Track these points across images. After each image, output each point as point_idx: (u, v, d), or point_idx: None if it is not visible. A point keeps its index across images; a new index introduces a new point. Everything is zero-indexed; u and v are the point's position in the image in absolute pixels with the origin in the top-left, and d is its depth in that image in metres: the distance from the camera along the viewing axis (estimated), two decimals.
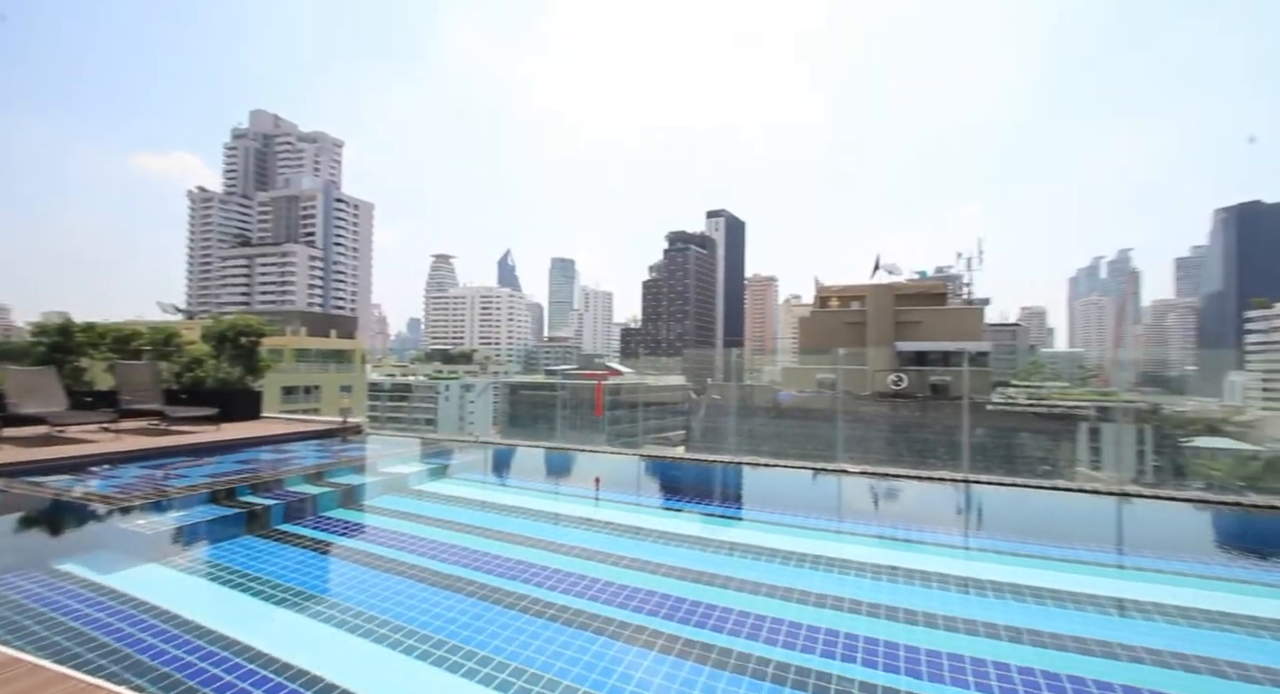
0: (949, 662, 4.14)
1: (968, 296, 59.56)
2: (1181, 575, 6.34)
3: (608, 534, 7.55)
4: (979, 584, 5.81)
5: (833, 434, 12.60)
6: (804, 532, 7.65)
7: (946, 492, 9.54)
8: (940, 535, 7.87)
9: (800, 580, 5.72)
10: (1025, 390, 45.04)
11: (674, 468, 12.05)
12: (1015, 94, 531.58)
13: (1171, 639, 4.62)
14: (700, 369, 78.43)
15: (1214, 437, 40.99)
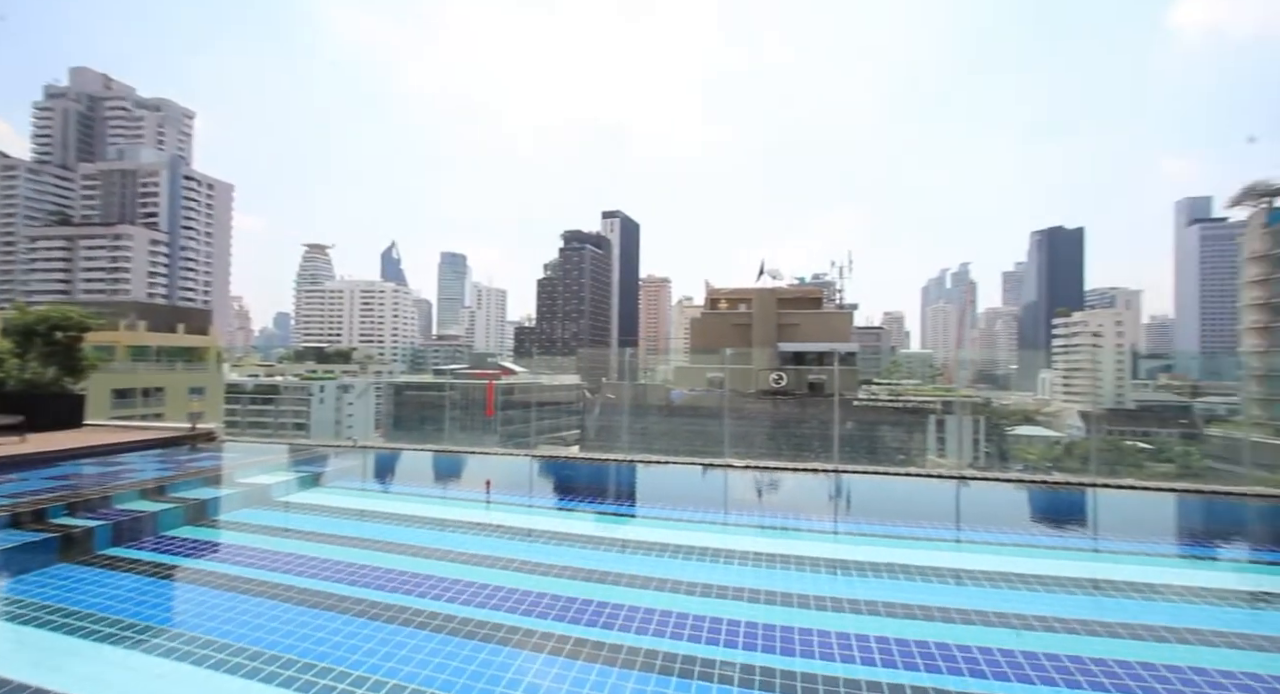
0: (819, 639, 4.51)
1: (840, 301, 65.06)
2: (1007, 546, 7.39)
3: (499, 538, 7.37)
4: (846, 565, 6.39)
5: (721, 431, 13.21)
6: (693, 526, 7.96)
7: (820, 481, 10.36)
8: (813, 522, 8.54)
9: (689, 573, 5.95)
10: (886, 387, 50.21)
11: (568, 468, 12.00)
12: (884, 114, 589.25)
13: (1002, 602, 5.38)
14: (595, 368, 78.66)
15: (1030, 425, 48.32)
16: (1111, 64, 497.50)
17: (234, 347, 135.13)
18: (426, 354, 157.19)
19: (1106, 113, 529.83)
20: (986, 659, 4.23)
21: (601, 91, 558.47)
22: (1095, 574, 6.49)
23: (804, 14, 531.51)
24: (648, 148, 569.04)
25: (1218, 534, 8.51)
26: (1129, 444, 39.70)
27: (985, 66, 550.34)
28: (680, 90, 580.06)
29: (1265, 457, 33.96)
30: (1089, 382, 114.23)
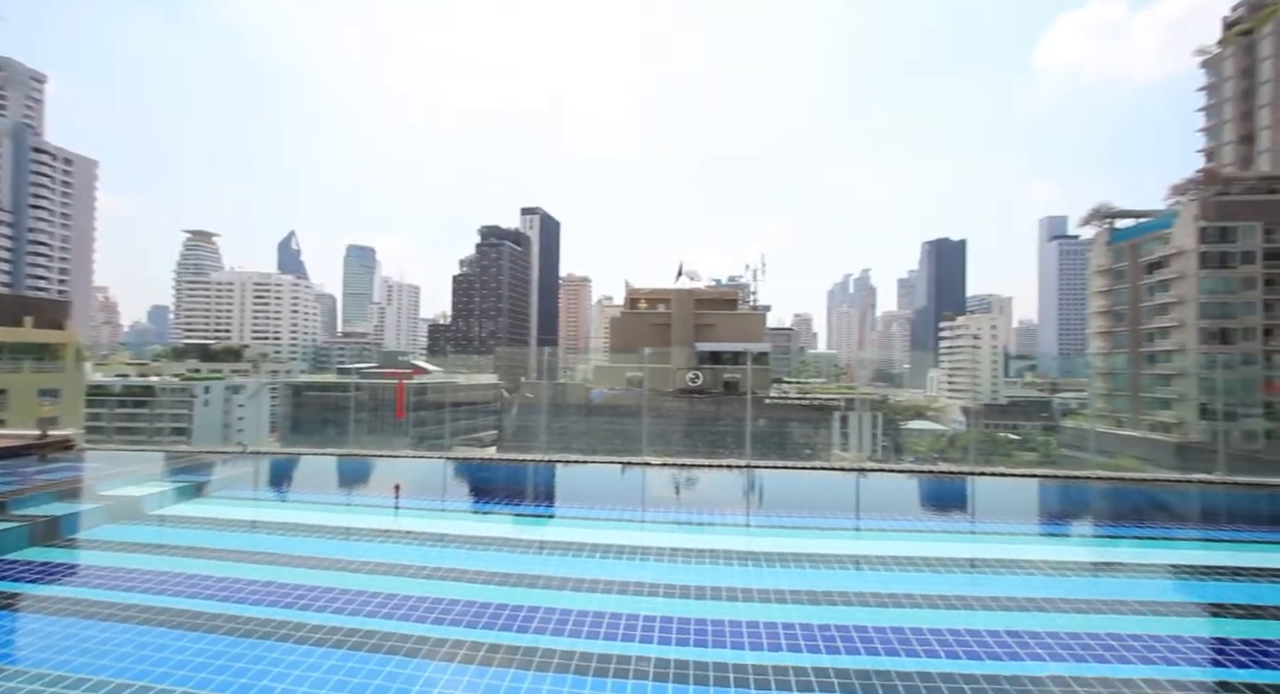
0: (730, 629, 4.69)
1: (754, 303, 67.71)
2: (900, 532, 8.02)
3: (408, 544, 7.04)
4: (757, 557, 6.67)
5: (639, 429, 13.36)
6: (612, 524, 8.00)
7: (733, 477, 10.74)
8: (727, 516, 8.85)
9: (607, 571, 5.98)
10: (795, 386, 52.94)
11: (484, 469, 11.68)
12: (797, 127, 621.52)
13: (894, 584, 5.82)
14: (514, 367, 77.01)
15: (920, 420, 52.82)
16: (986, 95, 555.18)
17: (98, 343, 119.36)
18: (330, 352, 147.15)
19: (983, 138, 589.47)
20: (880, 638, 4.57)
21: (521, 82, 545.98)
22: (973, 554, 7.19)
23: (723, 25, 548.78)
24: (569, 145, 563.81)
25: (1070, 514, 9.69)
26: (1001, 436, 44.30)
27: (883, 92, 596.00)
28: (602, 89, 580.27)
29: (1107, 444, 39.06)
30: (969, 380, 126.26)
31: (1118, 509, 9.71)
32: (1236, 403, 38.85)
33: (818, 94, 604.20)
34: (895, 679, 3.94)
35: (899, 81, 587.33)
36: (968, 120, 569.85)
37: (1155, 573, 6.80)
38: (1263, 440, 38.24)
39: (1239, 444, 37.97)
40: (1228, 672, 4.35)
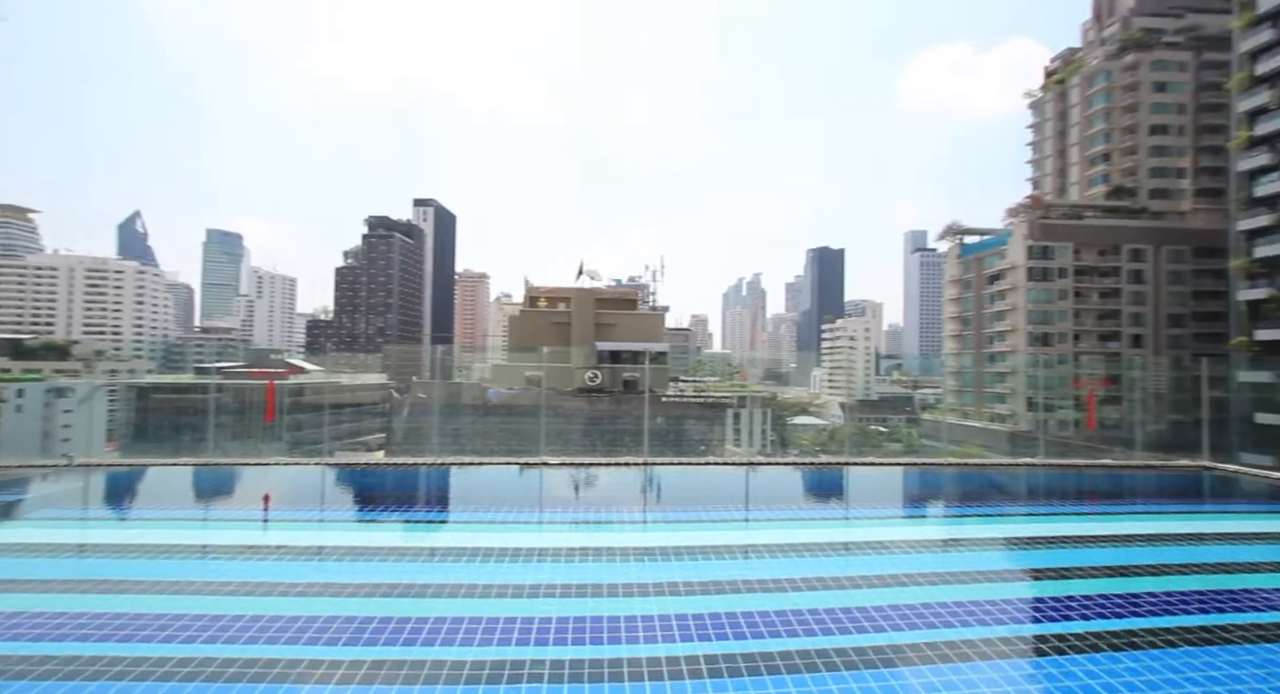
0: (625, 625, 4.77)
1: (653, 303, 69.11)
2: (785, 521, 8.58)
3: (279, 560, 6.44)
4: (653, 552, 6.83)
5: (538, 429, 13.17)
6: (508, 527, 7.82)
7: (631, 474, 10.92)
8: (625, 514, 8.98)
9: (502, 575, 5.84)
10: (692, 385, 54.82)
11: (370, 475, 10.93)
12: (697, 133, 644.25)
13: (779, 570, 6.21)
14: (405, 367, 72.74)
15: (805, 416, 56.87)
16: (861, 117, 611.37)
17: None
18: (186, 349, 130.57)
19: (859, 156, 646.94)
20: (764, 622, 4.87)
21: (416, 66, 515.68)
22: (847, 538, 7.86)
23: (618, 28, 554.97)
24: (467, 138, 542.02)
25: (927, 497, 10.88)
26: (872, 429, 48.77)
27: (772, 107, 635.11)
28: (502, 84, 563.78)
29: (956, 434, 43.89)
30: (846, 378, 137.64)
31: (965, 491, 11.06)
32: (1054, 397, 45.70)
33: (712, 105, 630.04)
34: (778, 660, 4.22)
35: (786, 98, 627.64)
36: (846, 139, 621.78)
37: (992, 546, 7.82)
38: (1072, 428, 45.22)
39: (1055, 432, 44.70)
40: (1047, 626, 5.11)
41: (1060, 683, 4.07)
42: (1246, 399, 37.62)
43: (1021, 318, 57.88)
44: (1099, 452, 13.92)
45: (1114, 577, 6.26)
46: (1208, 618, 5.18)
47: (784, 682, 3.90)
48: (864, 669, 4.10)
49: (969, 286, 66.90)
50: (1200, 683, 4.03)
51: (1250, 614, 5.34)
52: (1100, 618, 5.14)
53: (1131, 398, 16.40)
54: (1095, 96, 63.30)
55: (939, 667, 4.16)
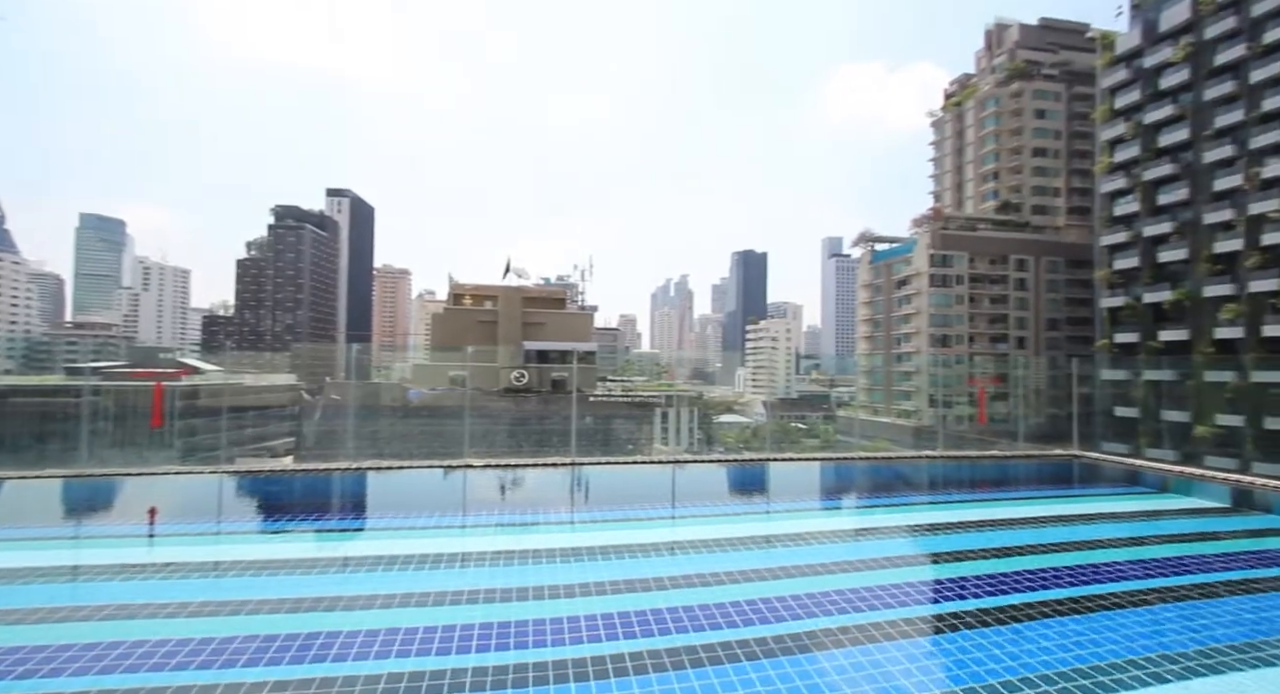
0: (550, 627, 4.73)
1: (581, 303, 68.78)
2: (710, 516, 8.80)
3: (166, 578, 5.87)
4: (579, 553, 6.81)
5: (462, 431, 12.78)
6: (429, 532, 7.53)
7: (559, 475, 10.82)
8: (551, 515, 8.89)
9: (422, 583, 5.62)
10: (620, 384, 55.04)
11: (275, 483, 10.18)
12: (623, 134, 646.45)
13: (704, 566, 6.36)
14: (317, 366, 68.21)
15: (730, 414, 58.62)
16: (784, 126, 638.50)
17: None
18: (55, 347, 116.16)
19: (784, 163, 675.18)
20: (689, 617, 4.98)
21: (333, 49, 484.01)
22: (768, 531, 8.18)
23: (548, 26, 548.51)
24: (388, 128, 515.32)
25: (841, 489, 11.52)
26: (792, 426, 50.98)
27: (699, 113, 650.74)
28: (425, 69, 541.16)
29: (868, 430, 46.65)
30: (769, 377, 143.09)
31: (874, 483, 11.80)
32: (951, 394, 49.66)
33: (642, 107, 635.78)
34: (700, 652, 4.33)
35: (714, 104, 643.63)
36: (771, 146, 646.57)
37: (898, 533, 8.40)
38: (967, 423, 49.33)
39: (953, 426, 48.57)
40: (944, 606, 5.55)
41: (955, 657, 4.44)
42: (1108, 395, 42.41)
43: (925, 321, 62.48)
44: (989, 443, 15.30)
45: (1000, 557, 6.89)
46: (1076, 590, 5.82)
47: (707, 674, 4.01)
48: (782, 656, 4.29)
49: (879, 291, 71.40)
50: (1069, 648, 4.53)
51: (1109, 585, 6.05)
52: (988, 596, 5.65)
53: (1016, 394, 18.13)
54: (986, 119, 69.36)
55: (850, 650, 4.42)
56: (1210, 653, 4.49)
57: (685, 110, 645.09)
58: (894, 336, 68.34)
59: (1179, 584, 6.10)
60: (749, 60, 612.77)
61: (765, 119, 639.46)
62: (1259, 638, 4.82)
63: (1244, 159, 39.41)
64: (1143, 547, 7.73)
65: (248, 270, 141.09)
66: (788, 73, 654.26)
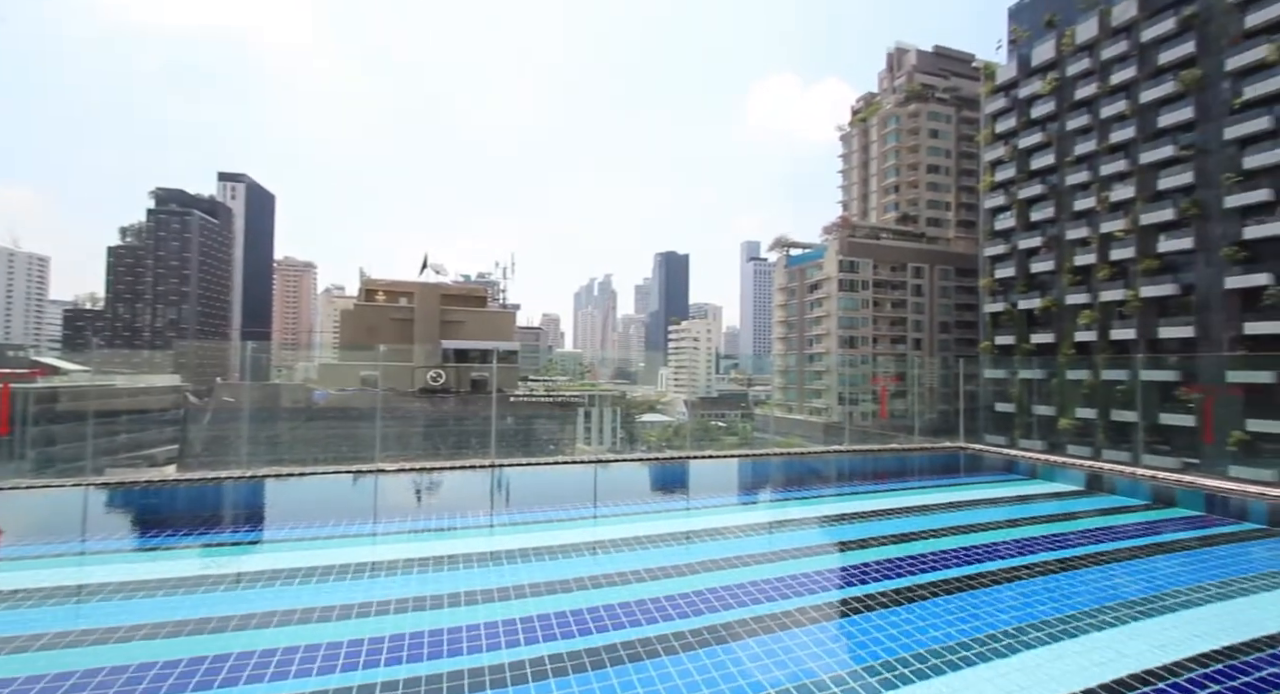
0: (467, 633, 4.59)
1: (503, 301, 67.19)
2: (633, 515, 8.86)
3: (13, 608, 5.14)
4: (499, 556, 6.65)
5: (373, 433, 12.12)
6: (336, 542, 7.08)
7: (477, 477, 10.51)
8: (470, 519, 8.61)
9: (326, 596, 5.27)
10: (543, 384, 54.24)
11: (153, 495, 9.18)
12: (547, 131, 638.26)
13: (626, 564, 6.40)
14: (207, 366, 62.29)
15: (652, 413, 59.39)
16: (705, 132, 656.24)
17: None
18: None
19: (702, 168, 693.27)
20: (610, 615, 5.00)
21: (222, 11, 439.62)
22: (689, 527, 8.36)
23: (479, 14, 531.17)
24: (293, 111, 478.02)
25: (758, 484, 11.99)
26: (712, 424, 52.42)
27: (622, 114, 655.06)
28: (332, 50, 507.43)
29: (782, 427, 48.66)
30: (690, 376, 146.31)
31: (787, 477, 12.38)
32: (857, 392, 53.01)
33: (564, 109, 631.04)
34: (621, 650, 4.36)
35: (637, 106, 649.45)
36: (691, 151, 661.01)
37: (809, 524, 8.86)
38: (871, 418, 52.84)
39: (858, 422, 51.86)
40: (850, 590, 5.92)
41: (858, 639, 4.75)
42: (990, 391, 46.82)
43: (834, 323, 66.28)
44: (889, 438, 16.48)
45: (898, 543, 7.44)
46: (962, 570, 6.39)
47: (627, 671, 4.05)
48: (699, 649, 4.40)
49: (793, 294, 74.94)
50: (957, 622, 4.97)
51: (989, 563, 6.69)
52: (885, 578, 6.09)
53: (913, 392, 19.65)
54: (888, 135, 74.67)
55: (762, 638, 4.62)
56: (1069, 619, 5.08)
57: (609, 112, 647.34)
58: (806, 337, 71.96)
59: (1045, 560, 6.86)
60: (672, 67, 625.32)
61: (689, 125, 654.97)
62: (1110, 602, 5.52)
63: (1097, 183, 44.92)
64: (1016, 528, 8.61)
65: (122, 259, 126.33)
66: (709, 81, 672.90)
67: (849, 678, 4.05)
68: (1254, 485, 9.31)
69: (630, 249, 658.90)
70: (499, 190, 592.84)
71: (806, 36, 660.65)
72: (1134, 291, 41.76)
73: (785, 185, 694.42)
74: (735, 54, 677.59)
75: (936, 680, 4.03)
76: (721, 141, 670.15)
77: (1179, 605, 5.48)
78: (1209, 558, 7.16)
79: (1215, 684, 4.04)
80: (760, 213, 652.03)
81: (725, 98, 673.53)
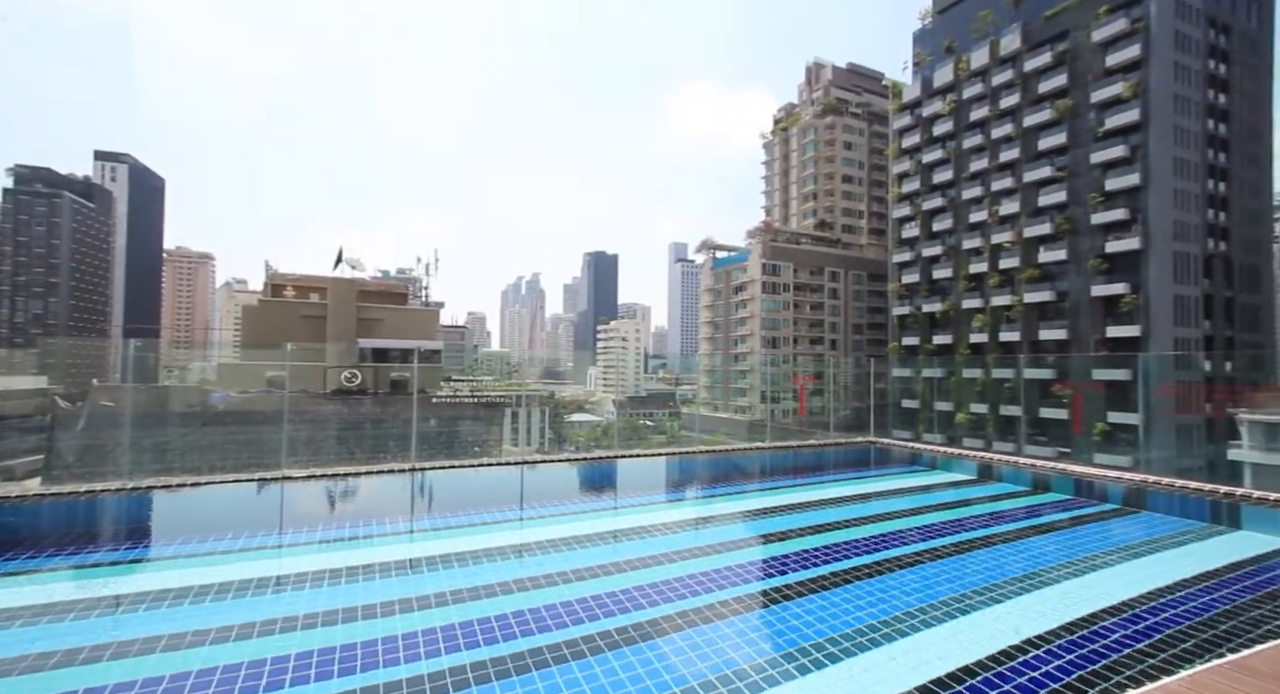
0: (383, 645, 4.39)
1: (426, 298, 64.60)
2: (559, 515, 8.78)
3: None
4: (419, 563, 6.39)
5: (280, 438, 11.29)
6: (234, 556, 6.54)
7: (396, 481, 10.05)
8: (388, 525, 8.21)
9: (222, 616, 4.87)
10: (468, 384, 52.55)
11: (10, 512, 8.09)
12: (472, 125, 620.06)
13: (553, 565, 6.34)
14: (81, 366, 55.63)
15: (581, 413, 59.13)
16: (634, 134, 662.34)
17: None
18: None
19: (637, 169, 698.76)
20: (535, 618, 4.94)
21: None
22: (615, 526, 8.39)
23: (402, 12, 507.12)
24: (183, 87, 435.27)
25: (684, 482, 12.22)
26: (640, 423, 52.92)
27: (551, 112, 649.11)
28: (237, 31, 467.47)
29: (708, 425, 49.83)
30: (618, 376, 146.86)
31: (713, 474, 12.70)
32: (779, 390, 55.27)
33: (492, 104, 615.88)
34: (545, 652, 4.32)
35: (565, 105, 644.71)
36: (620, 152, 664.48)
37: (733, 519, 9.14)
38: (791, 416, 55.24)
39: (780, 419, 54.10)
40: (772, 580, 6.16)
41: (777, 627, 4.95)
42: (898, 389, 50.18)
43: (757, 324, 68.71)
44: (807, 434, 17.32)
45: (816, 534, 7.83)
46: (872, 557, 6.82)
47: (551, 674, 4.02)
48: (624, 647, 4.44)
49: (719, 296, 76.99)
50: (866, 607, 5.29)
51: (896, 549, 7.18)
52: (803, 568, 6.39)
53: (829, 390, 20.74)
54: (807, 145, 78.35)
55: (687, 632, 4.72)
56: (964, 597, 5.55)
57: (537, 108, 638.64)
58: (732, 338, 74.14)
59: (943, 544, 7.45)
60: (602, 65, 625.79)
61: (620, 125, 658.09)
62: (999, 580, 6.07)
63: (988, 198, 49.26)
64: (919, 516, 9.28)
65: None
66: (640, 82, 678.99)
67: (768, 665, 4.22)
68: (1113, 470, 10.56)
69: (560, 248, 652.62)
70: (421, 184, 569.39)
71: (733, 45, 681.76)
72: (1019, 297, 46.16)
73: (713, 188, 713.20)
74: (666, 57, 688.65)
75: (848, 662, 4.28)
76: (652, 143, 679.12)
77: (1054, 579, 6.12)
78: (1077, 536, 8.04)
79: (1083, 646, 4.55)
80: (689, 215, 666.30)
81: (654, 99, 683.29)
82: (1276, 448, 28.52)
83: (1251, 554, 7.07)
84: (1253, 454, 29.28)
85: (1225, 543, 7.54)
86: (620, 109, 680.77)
